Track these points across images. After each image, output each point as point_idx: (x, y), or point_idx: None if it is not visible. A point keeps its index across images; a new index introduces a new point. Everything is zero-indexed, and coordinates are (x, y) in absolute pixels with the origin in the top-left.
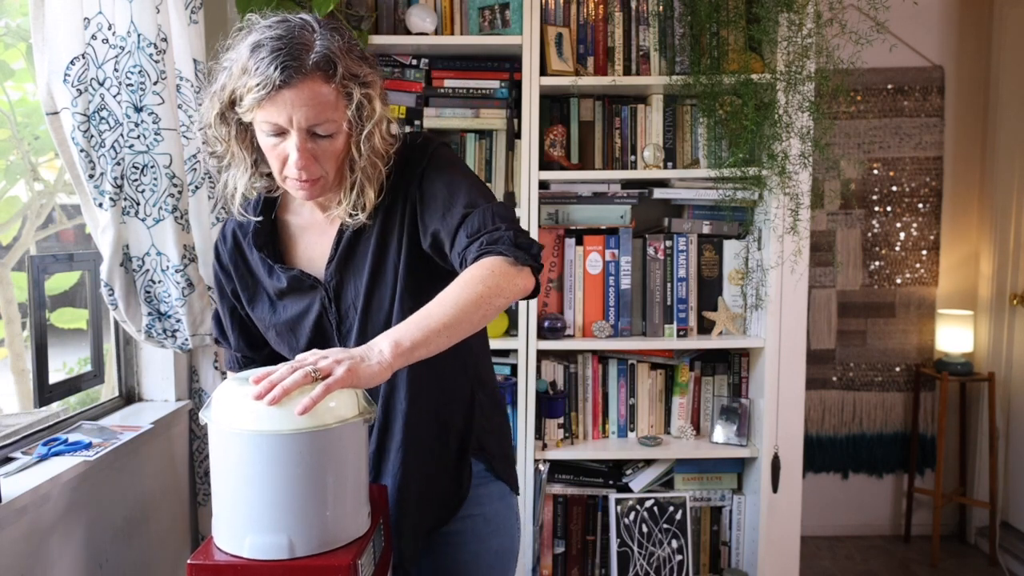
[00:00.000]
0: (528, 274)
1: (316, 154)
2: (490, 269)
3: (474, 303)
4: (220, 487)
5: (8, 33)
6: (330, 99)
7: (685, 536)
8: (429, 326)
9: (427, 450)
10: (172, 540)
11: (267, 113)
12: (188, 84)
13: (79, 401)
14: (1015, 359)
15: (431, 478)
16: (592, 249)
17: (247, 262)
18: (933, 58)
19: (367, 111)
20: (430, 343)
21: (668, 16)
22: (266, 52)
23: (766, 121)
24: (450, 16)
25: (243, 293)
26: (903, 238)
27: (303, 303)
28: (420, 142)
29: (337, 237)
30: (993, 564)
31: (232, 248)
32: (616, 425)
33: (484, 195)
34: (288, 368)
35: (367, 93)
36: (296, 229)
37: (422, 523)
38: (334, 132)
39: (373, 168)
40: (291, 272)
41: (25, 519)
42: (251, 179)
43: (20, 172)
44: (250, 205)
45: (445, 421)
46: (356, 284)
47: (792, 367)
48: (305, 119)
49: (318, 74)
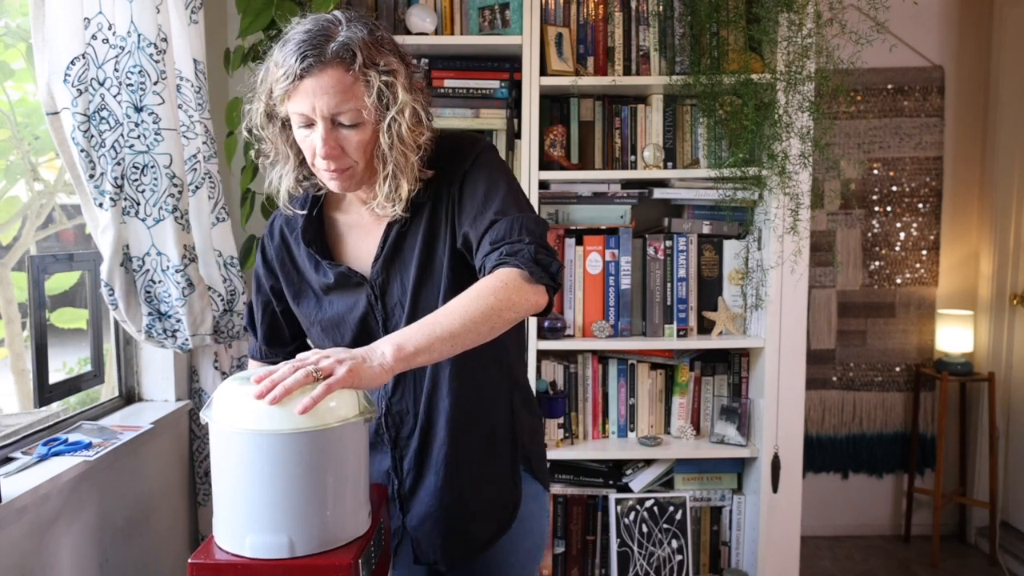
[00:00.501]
0: (542, 291)
1: (342, 143)
2: (504, 281)
3: (483, 315)
4: (220, 487)
5: (8, 33)
6: (350, 86)
7: (685, 536)
8: (434, 333)
9: (477, 455)
10: (172, 540)
11: (294, 104)
12: (188, 84)
13: (79, 401)
14: (1015, 359)
15: (486, 486)
16: (592, 249)
17: (293, 258)
18: (933, 58)
19: (388, 99)
20: (433, 350)
21: (668, 16)
22: (292, 45)
23: (766, 121)
24: (450, 16)
25: (287, 289)
26: (903, 238)
27: (349, 300)
28: (467, 142)
29: (384, 235)
30: (993, 564)
31: (279, 244)
32: (616, 425)
33: (518, 204)
34: (290, 367)
35: (388, 81)
36: (343, 227)
37: (481, 532)
38: (358, 121)
39: (404, 159)
40: (338, 268)
41: (25, 519)
42: (298, 176)
43: (20, 172)
44: (298, 201)
45: (491, 424)
46: (403, 281)
47: (792, 367)
48: (327, 107)
49: (337, 62)
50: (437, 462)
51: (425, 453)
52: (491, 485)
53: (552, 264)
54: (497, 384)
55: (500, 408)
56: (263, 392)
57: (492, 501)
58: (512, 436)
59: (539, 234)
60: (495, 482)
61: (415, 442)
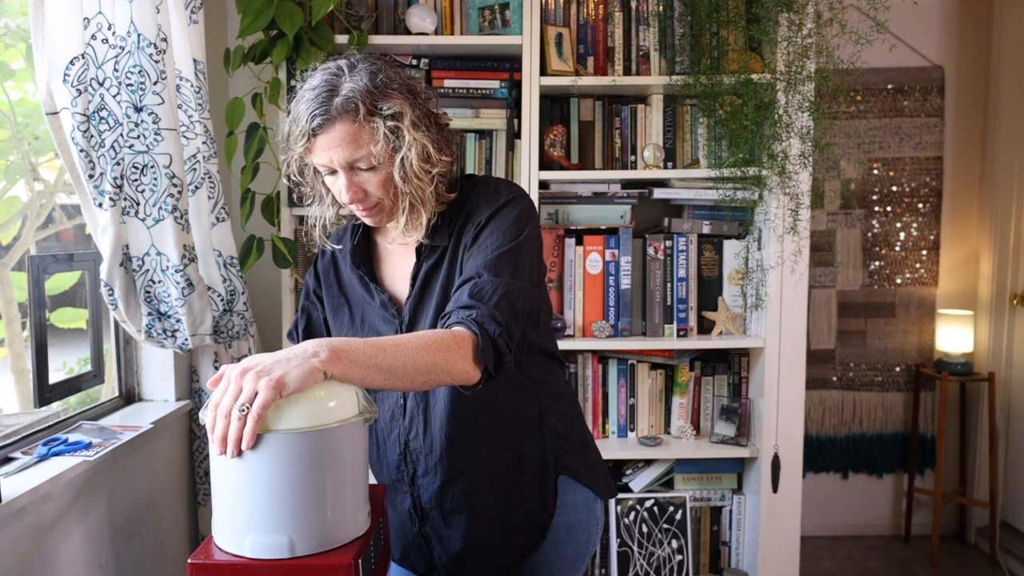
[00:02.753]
0: (478, 373)
1: (364, 186)
2: (457, 345)
3: (424, 367)
4: (220, 487)
5: (8, 33)
6: (357, 136)
7: (685, 536)
8: (375, 359)
9: (501, 480)
10: (172, 540)
11: (316, 157)
12: (188, 84)
13: (79, 401)
14: (1015, 359)
15: (513, 507)
16: (592, 249)
17: (339, 274)
18: (933, 58)
19: (394, 142)
20: (366, 377)
21: (668, 16)
22: (304, 104)
23: (766, 121)
24: (450, 16)
25: (328, 301)
26: (903, 238)
27: (380, 327)
28: (505, 187)
29: (414, 271)
30: (993, 564)
31: (329, 261)
32: (616, 425)
33: (517, 267)
34: (211, 419)
35: (393, 126)
36: (384, 251)
37: (510, 552)
38: (373, 165)
39: (420, 192)
40: (383, 296)
41: (25, 519)
42: (336, 211)
43: (20, 172)
44: (335, 236)
45: (517, 450)
46: (425, 323)
47: (792, 367)
48: (342, 158)
49: (343, 115)
50: (461, 499)
51: (446, 491)
52: (519, 508)
53: (505, 356)
54: (523, 413)
55: (528, 435)
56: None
57: (520, 525)
58: (541, 458)
59: (514, 313)
60: (523, 505)
61: (438, 480)
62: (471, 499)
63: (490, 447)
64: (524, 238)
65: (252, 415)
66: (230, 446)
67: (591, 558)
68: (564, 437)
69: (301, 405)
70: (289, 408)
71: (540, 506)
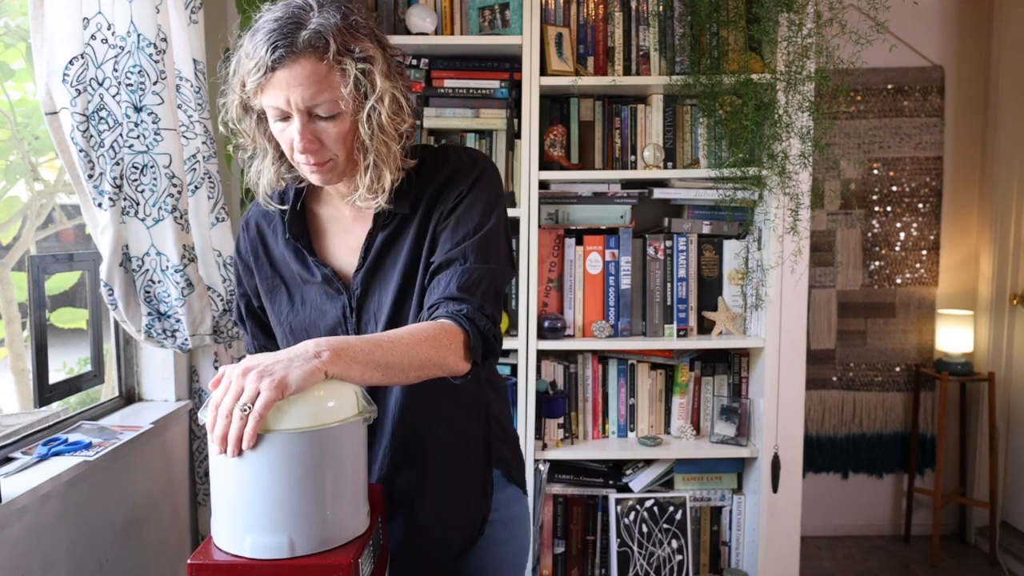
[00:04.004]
0: (466, 366)
1: (320, 136)
2: (450, 341)
3: (419, 362)
4: (220, 487)
5: (8, 33)
6: (324, 76)
7: (685, 536)
8: (373, 357)
9: (451, 467)
10: (172, 540)
11: (268, 97)
12: (188, 84)
13: (79, 401)
14: (1015, 359)
15: (457, 497)
16: (592, 249)
17: (269, 253)
18: (933, 58)
19: (366, 87)
20: (364, 375)
21: (668, 16)
22: (262, 35)
23: (766, 121)
24: (450, 16)
25: (261, 285)
26: (903, 238)
27: (324, 305)
28: (468, 158)
29: (367, 241)
30: (993, 564)
31: (256, 238)
32: (616, 425)
33: (497, 249)
34: (211, 419)
35: (365, 68)
36: (324, 220)
37: (452, 544)
38: (335, 112)
39: (387, 149)
40: (324, 269)
41: (25, 519)
42: (279, 170)
43: (20, 172)
44: (277, 194)
45: (467, 436)
46: (381, 296)
47: (792, 367)
48: (301, 99)
49: (310, 51)
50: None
51: (397, 473)
52: (465, 497)
53: (495, 349)
54: (474, 398)
55: (477, 421)
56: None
57: (465, 513)
58: (485, 445)
59: (499, 298)
60: (468, 494)
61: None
62: (421, 485)
63: (443, 432)
64: (501, 212)
65: (254, 415)
66: (231, 445)
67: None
68: (503, 428)
69: (301, 405)
70: (289, 408)
71: (482, 495)
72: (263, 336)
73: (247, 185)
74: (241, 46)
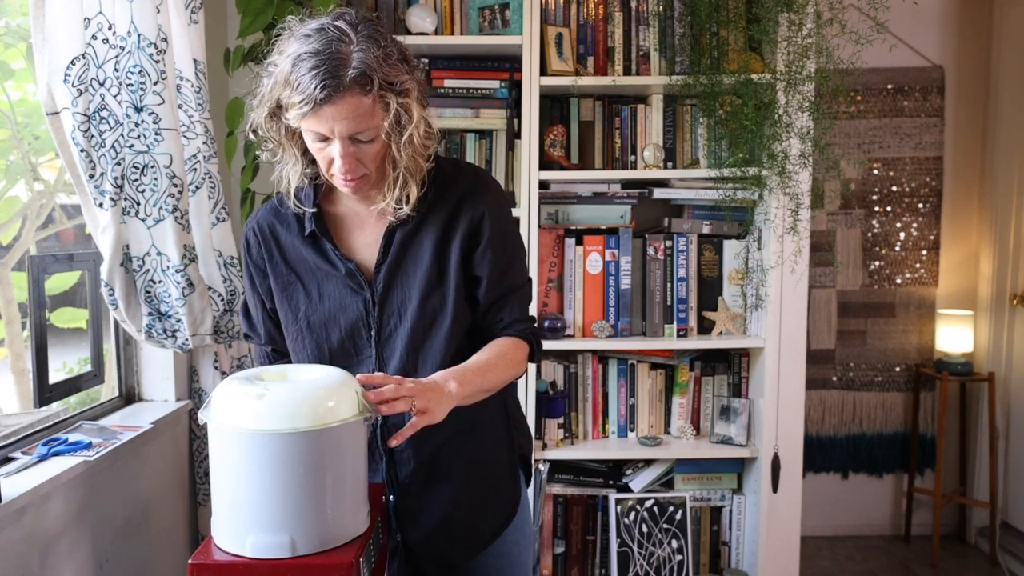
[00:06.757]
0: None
1: (359, 156)
2: (522, 359)
3: (504, 381)
4: (220, 487)
5: (8, 33)
6: (369, 110)
7: (685, 536)
8: (482, 385)
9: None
10: (172, 540)
11: (311, 124)
12: (188, 84)
13: (79, 401)
14: (1015, 359)
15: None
16: (592, 249)
17: (283, 251)
18: (933, 58)
19: (404, 118)
20: (473, 397)
21: (668, 16)
22: (306, 68)
23: (766, 121)
24: (450, 16)
25: (275, 284)
26: (903, 238)
27: (345, 299)
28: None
29: (386, 237)
30: (993, 564)
31: (268, 236)
32: (616, 425)
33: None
34: (392, 390)
35: (404, 102)
36: (337, 219)
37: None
38: (374, 138)
39: (415, 164)
40: (349, 264)
41: (25, 519)
42: (305, 173)
43: (20, 172)
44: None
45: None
46: (404, 292)
47: (792, 367)
48: (346, 130)
49: (356, 89)
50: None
51: (433, 464)
52: (497, 484)
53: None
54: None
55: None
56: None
57: (499, 499)
58: (509, 435)
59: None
60: (501, 480)
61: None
62: (456, 468)
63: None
64: (516, 225)
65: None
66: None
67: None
68: (517, 416)
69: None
70: (290, 408)
71: (512, 477)
72: (280, 339)
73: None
74: (276, 65)
